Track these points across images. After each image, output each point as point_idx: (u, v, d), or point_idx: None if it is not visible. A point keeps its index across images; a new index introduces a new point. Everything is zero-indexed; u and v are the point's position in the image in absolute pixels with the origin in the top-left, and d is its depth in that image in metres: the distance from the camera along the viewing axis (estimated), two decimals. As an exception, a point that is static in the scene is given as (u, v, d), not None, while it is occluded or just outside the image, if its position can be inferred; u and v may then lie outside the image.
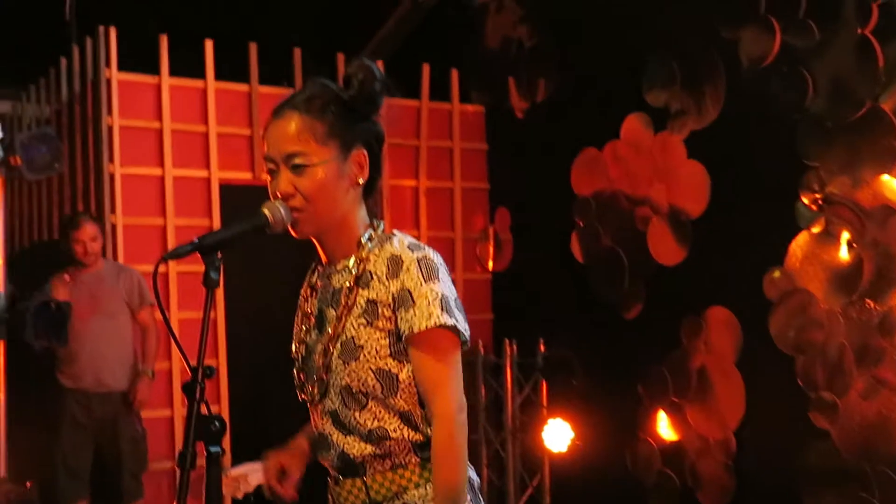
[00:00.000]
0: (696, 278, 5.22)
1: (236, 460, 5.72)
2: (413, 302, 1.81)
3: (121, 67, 5.50)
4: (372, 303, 1.85)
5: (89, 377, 4.97)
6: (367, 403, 1.86)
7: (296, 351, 2.00)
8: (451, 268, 6.34)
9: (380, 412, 1.86)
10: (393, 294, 1.84)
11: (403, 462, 1.88)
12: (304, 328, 1.98)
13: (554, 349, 5.87)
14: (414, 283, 1.82)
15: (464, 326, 1.86)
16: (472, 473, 1.96)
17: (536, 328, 5.96)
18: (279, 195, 1.85)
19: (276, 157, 1.86)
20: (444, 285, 1.85)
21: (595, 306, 5.80)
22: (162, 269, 5.34)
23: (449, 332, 1.82)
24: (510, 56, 6.49)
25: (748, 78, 4.99)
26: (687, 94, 5.31)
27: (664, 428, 5.41)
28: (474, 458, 5.82)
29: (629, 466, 5.57)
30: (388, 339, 1.84)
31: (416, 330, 1.81)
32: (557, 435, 5.64)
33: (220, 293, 5.48)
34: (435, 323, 1.80)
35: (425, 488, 1.87)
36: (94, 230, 5.04)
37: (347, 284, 1.89)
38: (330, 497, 1.98)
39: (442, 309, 1.81)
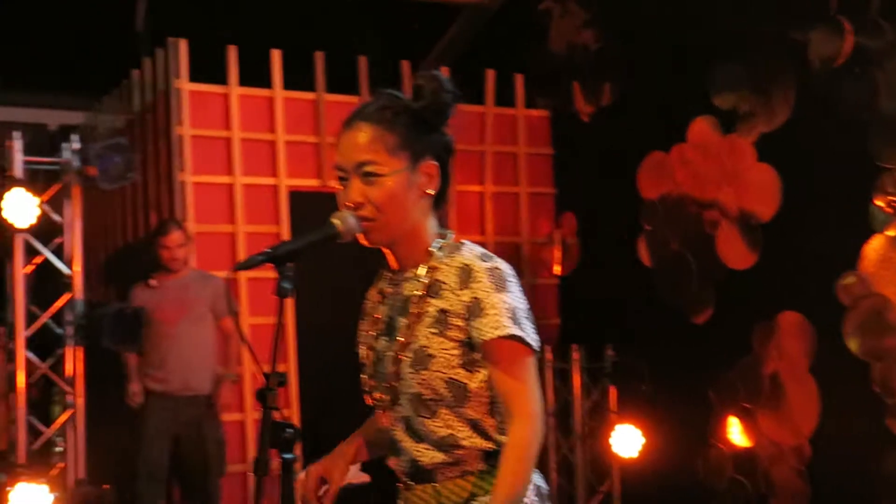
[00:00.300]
0: (768, 282, 5.14)
1: (308, 463, 5.79)
2: (483, 311, 1.83)
3: (191, 78, 5.61)
4: (443, 312, 1.87)
5: (177, 380, 5.05)
6: (438, 411, 1.87)
7: (364, 356, 2.02)
8: (518, 273, 6.30)
9: (450, 420, 1.87)
10: (465, 303, 1.85)
11: (473, 469, 1.89)
12: (373, 334, 2.00)
13: (622, 354, 5.83)
14: (484, 292, 1.84)
15: (533, 338, 1.87)
16: (541, 482, 1.96)
17: (604, 333, 5.92)
18: (350, 204, 1.88)
19: (346, 166, 1.89)
20: (514, 296, 1.86)
21: (663, 311, 5.75)
22: (232, 275, 5.43)
23: (517, 343, 1.83)
24: (575, 60, 6.46)
25: (819, 79, 4.90)
26: (756, 96, 5.23)
27: (736, 434, 5.33)
28: (542, 463, 5.80)
29: (700, 473, 5.50)
30: (459, 349, 1.85)
31: (484, 339, 1.82)
32: (626, 440, 5.59)
33: (289, 300, 5.54)
34: (503, 333, 1.81)
35: None
36: (181, 237, 5.13)
37: (418, 293, 1.90)
38: (400, 501, 1.99)
39: (511, 320, 1.82)
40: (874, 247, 4.63)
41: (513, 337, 1.82)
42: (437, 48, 7.32)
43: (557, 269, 6.58)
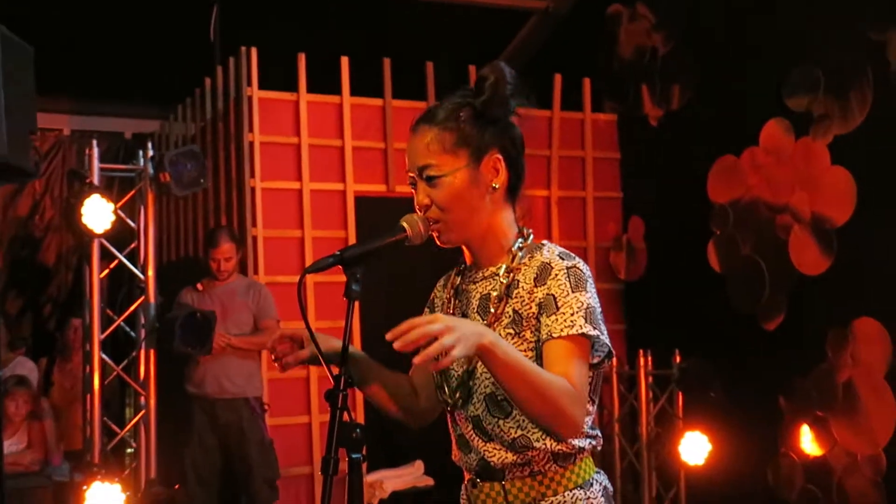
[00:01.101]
0: (842, 288, 5.03)
1: (372, 466, 5.83)
2: (557, 308, 1.81)
3: (261, 86, 5.69)
4: (517, 313, 1.86)
5: (211, 383, 5.11)
6: (512, 412, 1.86)
7: None
8: (584, 278, 6.28)
9: (523, 421, 1.86)
10: (539, 300, 1.84)
11: (543, 469, 1.88)
12: None
13: (690, 360, 5.75)
14: (561, 290, 1.82)
15: (606, 340, 1.84)
16: (607, 482, 1.96)
17: (672, 339, 5.85)
18: (418, 207, 1.90)
19: (412, 171, 1.92)
20: (591, 297, 1.84)
21: (733, 317, 5.66)
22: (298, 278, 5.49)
23: (586, 342, 1.81)
24: (643, 64, 6.41)
25: (896, 80, 4.79)
26: (831, 98, 5.13)
27: (808, 443, 5.22)
28: (609, 469, 5.77)
29: (770, 482, 5.40)
30: (533, 352, 1.84)
31: (554, 335, 1.80)
32: (694, 447, 5.52)
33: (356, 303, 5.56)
34: (575, 332, 1.79)
35: (563, 496, 1.87)
36: (230, 250, 5.19)
37: (496, 293, 1.90)
38: (464, 496, 1.98)
39: (585, 319, 1.80)
40: (954, 252, 4.51)
41: (586, 335, 1.79)
42: (506, 53, 7.32)
43: (624, 274, 6.53)
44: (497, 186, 1.90)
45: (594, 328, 1.80)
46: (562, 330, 1.79)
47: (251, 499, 5.17)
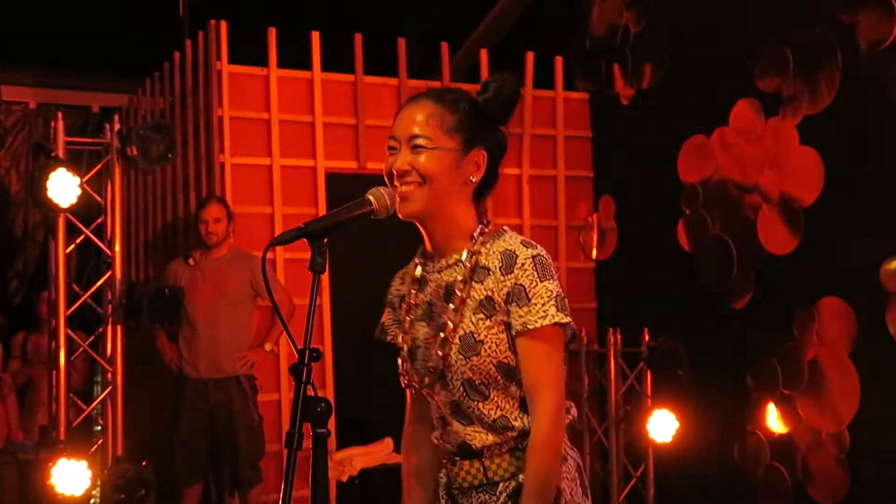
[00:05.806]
0: (809, 268, 5.08)
1: (341, 444, 5.82)
2: (528, 300, 1.85)
3: (231, 60, 5.63)
4: (489, 298, 1.89)
5: (206, 362, 5.08)
6: (490, 394, 1.91)
7: (402, 341, 2.04)
8: (555, 257, 6.31)
9: (501, 401, 1.91)
10: (507, 289, 1.87)
11: (520, 446, 1.92)
12: (408, 319, 2.01)
13: (659, 339, 5.79)
14: (529, 280, 1.86)
15: (572, 323, 1.91)
16: (576, 454, 2.00)
17: (641, 317, 5.89)
18: (394, 171, 1.91)
19: (400, 137, 1.93)
20: (556, 283, 1.89)
21: (702, 296, 5.70)
22: (269, 255, 5.46)
23: (560, 330, 1.88)
24: (616, 43, 6.41)
25: (866, 62, 4.81)
26: (800, 79, 5.15)
27: (773, 420, 5.28)
28: (578, 446, 5.79)
29: (737, 459, 5.46)
30: (505, 333, 1.89)
31: (529, 327, 1.85)
32: (662, 425, 5.57)
33: (325, 278, 5.55)
34: (550, 322, 1.84)
35: None
36: (219, 211, 5.13)
37: (460, 278, 1.92)
38: (443, 473, 2.03)
39: (555, 307, 1.85)
40: (919, 232, 4.56)
41: (559, 324, 1.86)
42: (478, 30, 7.29)
43: (594, 253, 6.55)
44: (474, 180, 1.95)
45: (565, 315, 1.86)
46: (536, 321, 1.84)
47: (235, 480, 5.16)
